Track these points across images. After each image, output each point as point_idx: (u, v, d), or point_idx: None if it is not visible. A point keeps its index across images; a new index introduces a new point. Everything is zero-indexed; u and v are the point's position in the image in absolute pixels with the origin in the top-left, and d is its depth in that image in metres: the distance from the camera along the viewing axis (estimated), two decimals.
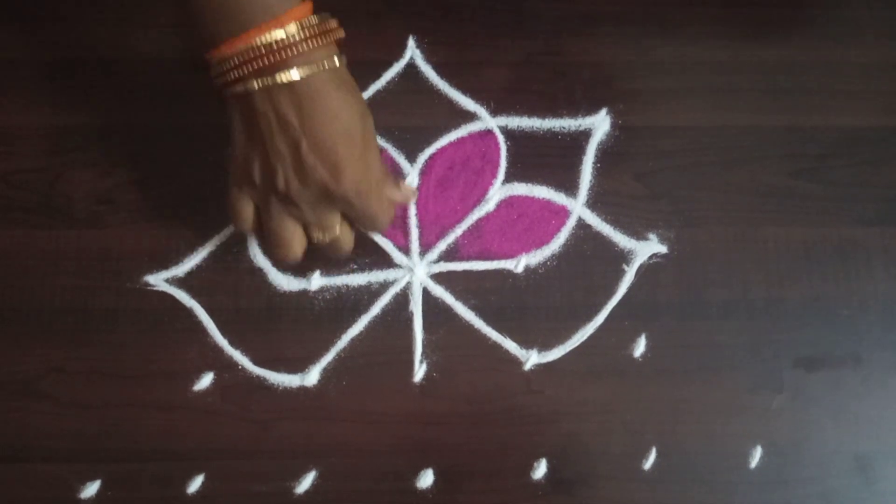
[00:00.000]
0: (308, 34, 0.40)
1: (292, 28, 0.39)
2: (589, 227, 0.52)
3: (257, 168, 0.43)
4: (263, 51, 0.39)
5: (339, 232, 0.46)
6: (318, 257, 0.49)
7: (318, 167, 0.41)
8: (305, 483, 0.48)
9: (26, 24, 0.54)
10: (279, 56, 0.39)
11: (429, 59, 0.54)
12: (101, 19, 0.54)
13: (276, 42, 0.39)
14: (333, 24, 0.42)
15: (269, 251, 0.48)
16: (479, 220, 0.52)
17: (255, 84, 0.40)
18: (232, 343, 0.49)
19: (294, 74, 0.39)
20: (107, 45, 0.53)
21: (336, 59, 0.41)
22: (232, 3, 0.39)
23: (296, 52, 0.39)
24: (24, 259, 0.50)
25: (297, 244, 0.46)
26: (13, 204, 0.51)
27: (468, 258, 0.51)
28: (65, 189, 0.51)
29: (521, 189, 0.53)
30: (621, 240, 0.52)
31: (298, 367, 0.49)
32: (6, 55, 0.53)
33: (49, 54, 0.53)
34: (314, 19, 0.40)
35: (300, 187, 0.42)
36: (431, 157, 0.53)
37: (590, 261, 0.51)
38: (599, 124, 0.53)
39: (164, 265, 0.50)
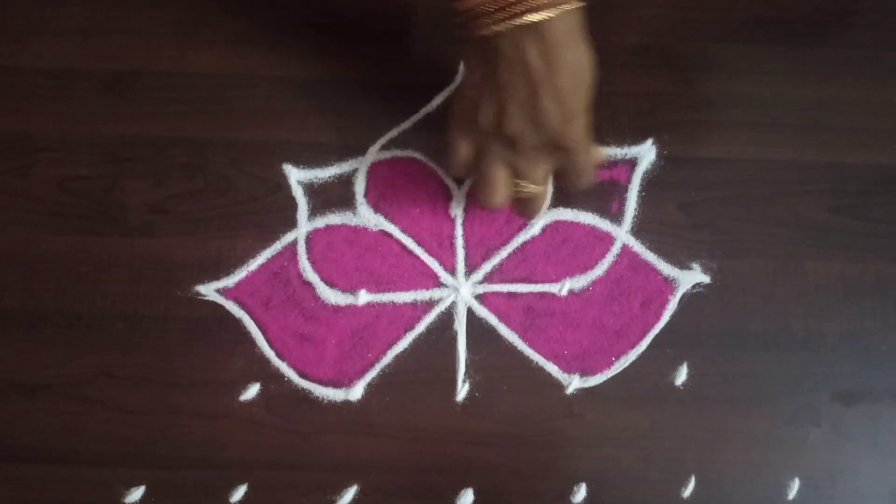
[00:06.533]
0: None
1: None
2: (633, 254, 0.53)
3: (487, 110, 0.43)
4: None
5: (544, 188, 0.46)
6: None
7: (553, 113, 0.41)
8: (347, 497, 0.48)
9: (88, 35, 0.55)
10: (527, 3, 0.39)
11: None
12: (163, 33, 0.55)
13: None
14: None
15: (478, 193, 0.47)
16: (525, 244, 0.53)
17: (504, 26, 0.40)
18: (279, 355, 0.50)
19: (541, 16, 0.39)
20: (168, 59, 0.55)
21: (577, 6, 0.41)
22: None
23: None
24: (78, 264, 0.51)
25: (504, 190, 0.45)
26: (69, 210, 0.52)
27: (512, 280, 0.52)
28: (119, 197, 0.52)
29: (566, 214, 0.53)
30: (665, 268, 0.52)
31: (343, 381, 0.50)
32: (67, 65, 0.54)
33: (109, 65, 0.55)
34: None
35: (531, 131, 0.42)
36: None
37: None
38: (645, 153, 0.54)
39: (215, 275, 0.51)
